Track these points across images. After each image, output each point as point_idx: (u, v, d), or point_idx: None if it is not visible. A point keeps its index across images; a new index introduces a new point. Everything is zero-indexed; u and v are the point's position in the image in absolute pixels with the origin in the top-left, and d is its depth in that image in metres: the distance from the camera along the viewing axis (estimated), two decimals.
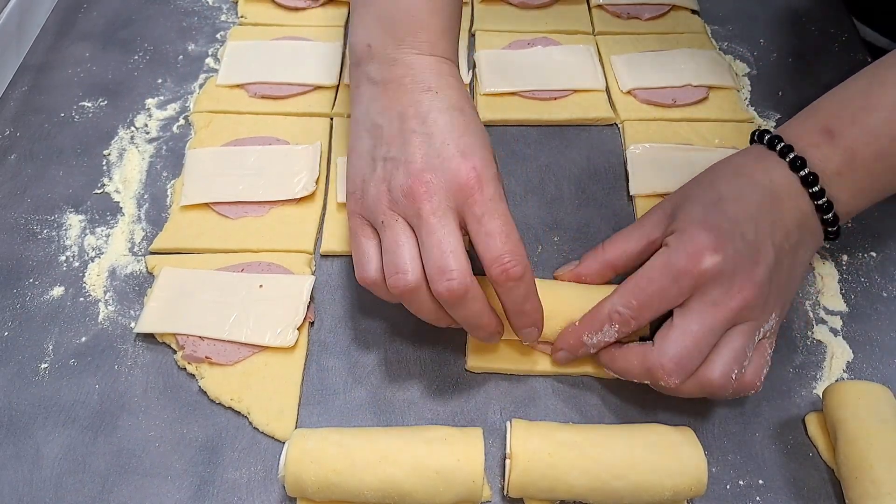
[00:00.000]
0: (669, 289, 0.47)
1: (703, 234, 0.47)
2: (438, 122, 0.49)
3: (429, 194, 0.46)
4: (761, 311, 0.47)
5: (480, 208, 0.46)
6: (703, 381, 0.46)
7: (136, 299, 0.57)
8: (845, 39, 0.78)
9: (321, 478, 0.45)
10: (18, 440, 0.50)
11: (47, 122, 0.70)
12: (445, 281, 0.45)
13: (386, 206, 0.48)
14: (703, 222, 0.48)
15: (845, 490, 0.47)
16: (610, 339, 0.49)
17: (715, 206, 0.49)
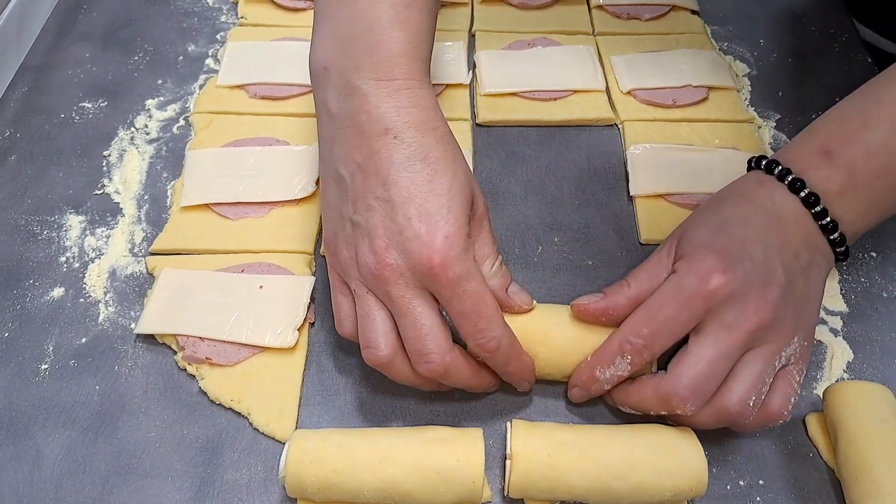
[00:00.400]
0: (680, 314, 0.45)
1: (710, 256, 0.46)
2: (399, 183, 0.45)
3: (394, 277, 0.45)
4: (778, 334, 0.46)
5: (448, 291, 0.45)
6: (720, 409, 0.45)
7: (136, 300, 0.57)
8: (845, 39, 0.78)
9: (321, 478, 0.45)
10: (19, 441, 0.50)
11: (47, 123, 0.70)
12: (425, 363, 0.45)
13: (356, 275, 0.47)
14: (711, 245, 0.47)
15: (845, 490, 0.47)
16: (623, 373, 0.47)
17: (721, 228, 0.48)
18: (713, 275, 0.45)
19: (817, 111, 0.71)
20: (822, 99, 0.72)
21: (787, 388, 0.47)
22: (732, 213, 0.49)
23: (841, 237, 0.49)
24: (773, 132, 0.70)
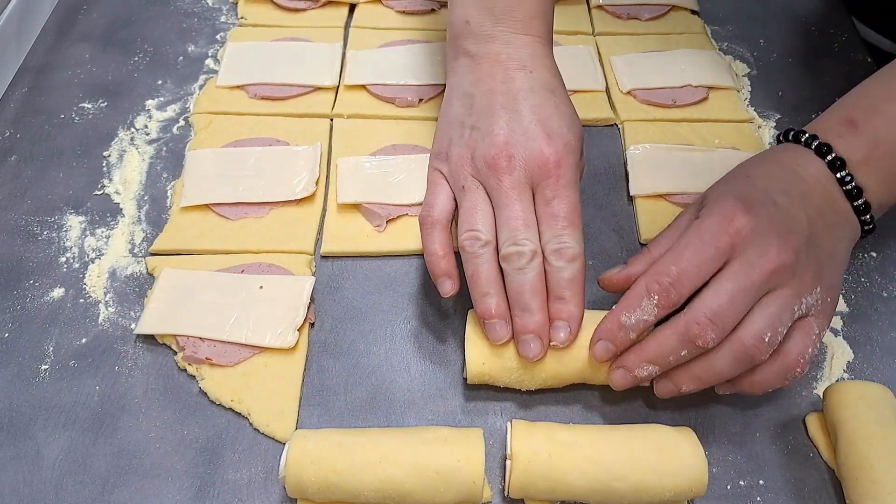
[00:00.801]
0: (706, 251, 0.45)
1: (733, 200, 0.47)
2: (529, 100, 0.51)
3: (510, 168, 0.49)
4: (800, 281, 0.46)
5: (552, 191, 0.49)
6: (736, 343, 0.45)
7: (136, 300, 0.57)
8: (845, 39, 0.78)
9: (321, 478, 0.45)
10: (19, 441, 0.50)
11: (47, 124, 0.70)
12: (515, 246, 0.48)
13: (468, 171, 0.51)
14: (733, 192, 0.48)
15: (845, 490, 0.47)
16: (650, 318, 0.46)
17: (744, 181, 0.49)
18: (736, 214, 0.46)
19: (817, 111, 0.71)
20: (822, 99, 0.72)
21: (806, 337, 0.46)
22: (756, 170, 0.50)
23: (865, 205, 0.49)
24: (773, 132, 0.70)
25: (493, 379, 0.50)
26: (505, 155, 0.49)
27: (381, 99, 0.71)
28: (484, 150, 0.50)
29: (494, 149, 0.50)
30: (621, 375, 0.48)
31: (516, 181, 0.49)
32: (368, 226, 0.61)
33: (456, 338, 0.55)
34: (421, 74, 0.72)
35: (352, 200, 0.61)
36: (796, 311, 0.46)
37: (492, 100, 0.52)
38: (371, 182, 0.63)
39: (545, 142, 0.50)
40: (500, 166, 0.49)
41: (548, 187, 0.49)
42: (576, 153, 0.51)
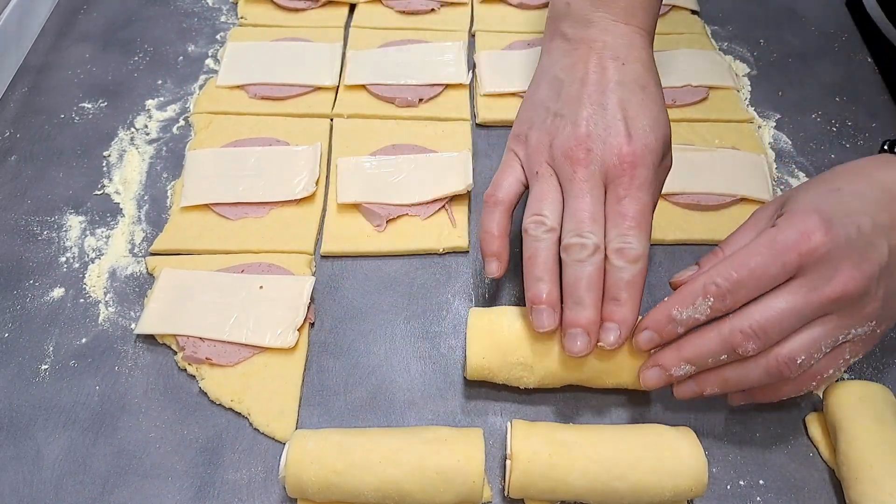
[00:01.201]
0: (771, 265, 0.44)
1: (815, 216, 0.44)
2: (616, 94, 0.51)
3: (586, 161, 0.49)
4: (859, 312, 0.44)
5: (625, 190, 0.48)
6: (770, 360, 0.44)
7: (136, 300, 0.57)
8: (845, 39, 0.78)
9: (321, 478, 0.45)
10: (19, 441, 0.50)
11: (47, 124, 0.70)
12: (578, 237, 0.47)
13: (545, 158, 0.51)
14: (817, 207, 0.45)
15: (845, 490, 0.47)
16: (700, 317, 0.45)
17: (831, 194, 0.46)
18: (814, 233, 0.43)
19: (817, 111, 0.71)
20: (822, 99, 0.72)
21: (831, 362, 0.46)
22: (846, 185, 0.47)
23: None
24: (773, 132, 0.70)
25: (492, 374, 0.50)
26: (583, 147, 0.49)
27: (381, 99, 0.71)
28: (563, 139, 0.50)
29: (574, 140, 0.49)
30: (656, 374, 0.47)
31: (590, 175, 0.49)
32: (368, 226, 0.61)
33: (456, 338, 0.55)
34: (421, 74, 0.72)
35: (352, 200, 0.62)
36: (841, 340, 0.45)
37: (580, 89, 0.52)
38: (371, 182, 0.63)
39: (625, 140, 0.49)
40: (576, 158, 0.49)
41: (621, 185, 0.48)
42: (656, 154, 0.50)
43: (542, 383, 0.50)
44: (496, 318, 0.51)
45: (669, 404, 0.52)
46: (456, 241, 0.60)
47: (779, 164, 0.67)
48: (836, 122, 0.70)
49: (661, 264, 0.60)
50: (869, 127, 0.70)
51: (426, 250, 0.60)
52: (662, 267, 0.60)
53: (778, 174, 0.66)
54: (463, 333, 0.55)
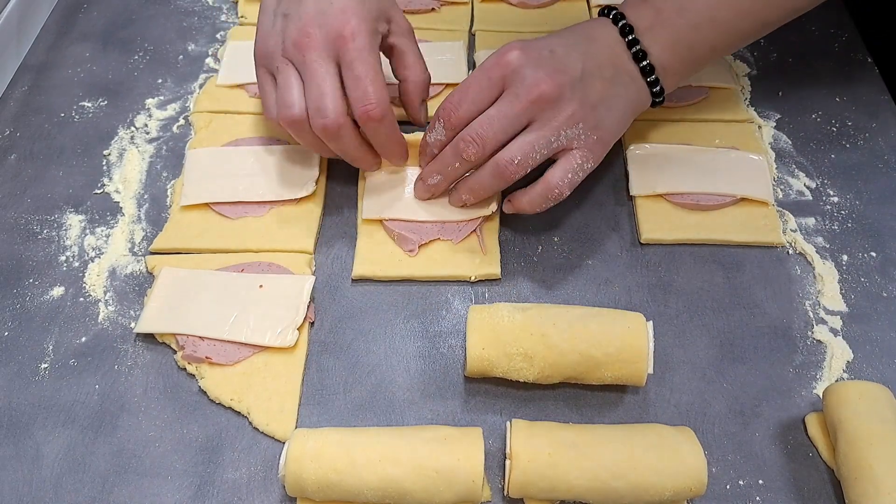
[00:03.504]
0: (481, 81, 0.54)
1: (513, 44, 0.55)
2: None
3: (311, 45, 0.54)
4: (560, 115, 0.54)
5: (350, 56, 0.54)
6: (493, 162, 0.55)
7: (136, 299, 0.57)
8: (845, 39, 0.78)
9: (321, 477, 0.45)
10: (18, 440, 0.50)
11: (47, 123, 0.70)
12: (321, 119, 0.54)
13: (280, 54, 0.56)
14: (516, 42, 0.55)
15: (845, 490, 0.47)
16: (441, 137, 0.57)
17: (535, 39, 0.57)
18: (511, 52, 0.54)
19: (817, 111, 0.71)
20: (822, 99, 0.72)
21: (567, 164, 0.55)
22: (552, 34, 0.58)
23: (650, 67, 0.57)
24: (773, 132, 0.70)
25: (491, 365, 0.50)
26: (306, 34, 0.54)
27: None
28: (291, 32, 0.55)
29: (298, 31, 0.54)
30: (420, 186, 0.60)
31: (317, 55, 0.54)
32: (399, 249, 0.60)
33: (456, 337, 0.55)
34: None
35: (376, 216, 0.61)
36: (554, 142, 0.54)
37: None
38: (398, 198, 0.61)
39: (338, 17, 0.54)
40: (302, 44, 0.54)
41: (346, 53, 0.54)
42: (369, 22, 0.55)
43: (542, 375, 0.50)
44: (496, 311, 0.51)
45: (670, 405, 0.52)
46: (488, 268, 0.58)
47: (779, 164, 0.67)
48: (836, 122, 0.70)
49: (660, 264, 0.60)
50: (869, 127, 0.70)
51: (458, 277, 0.58)
52: (662, 267, 0.60)
53: (778, 174, 0.66)
54: (463, 333, 0.55)
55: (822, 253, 0.61)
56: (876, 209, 0.64)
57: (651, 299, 0.58)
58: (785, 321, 0.57)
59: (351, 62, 0.54)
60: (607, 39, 0.57)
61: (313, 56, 0.54)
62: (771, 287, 0.59)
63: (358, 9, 0.55)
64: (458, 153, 0.55)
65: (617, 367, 0.49)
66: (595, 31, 0.58)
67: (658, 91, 0.58)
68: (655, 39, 0.57)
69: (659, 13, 0.57)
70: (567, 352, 0.49)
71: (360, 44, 0.54)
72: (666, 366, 0.54)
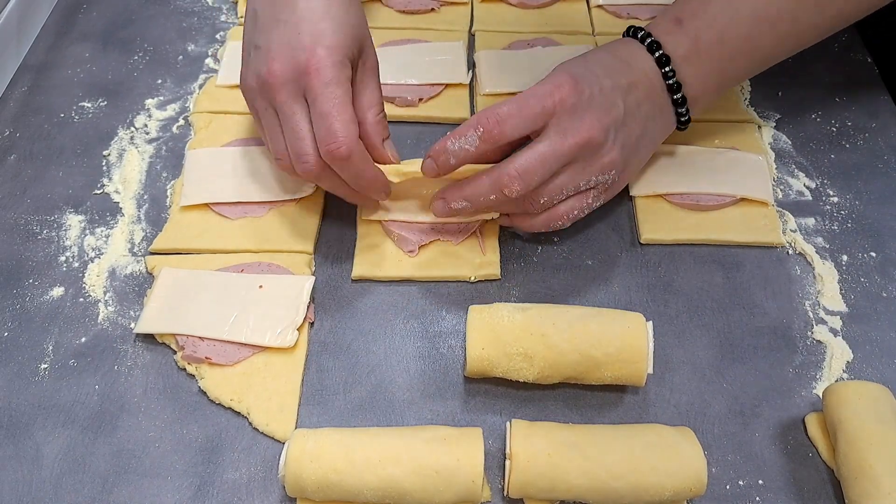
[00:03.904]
0: (531, 106, 0.51)
1: (565, 75, 0.53)
2: (298, 7, 0.53)
3: (278, 85, 0.52)
4: (599, 159, 0.53)
5: (314, 92, 0.51)
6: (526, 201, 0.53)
7: (135, 300, 0.57)
8: (845, 39, 0.78)
9: (321, 477, 0.45)
10: (18, 440, 0.50)
11: (47, 123, 0.70)
12: (301, 164, 0.52)
13: (257, 93, 0.54)
14: (567, 69, 0.54)
15: (845, 490, 0.47)
16: (471, 147, 0.52)
17: (582, 63, 0.55)
18: (564, 86, 0.52)
19: (817, 111, 0.71)
20: (822, 99, 0.72)
21: (578, 203, 0.55)
22: (594, 56, 0.57)
23: (683, 98, 0.57)
24: (773, 132, 0.70)
25: (491, 365, 0.50)
26: (272, 73, 0.52)
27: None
28: (261, 70, 0.53)
29: (265, 66, 0.52)
30: (441, 205, 0.55)
31: (286, 96, 0.52)
32: (399, 250, 0.60)
33: (455, 337, 0.55)
34: (421, 74, 0.72)
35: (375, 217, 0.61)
36: (583, 186, 0.54)
37: (270, 13, 0.54)
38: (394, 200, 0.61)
39: (304, 50, 0.51)
40: (269, 83, 0.52)
41: (311, 90, 0.51)
42: (338, 51, 0.52)
43: (542, 375, 0.50)
44: (496, 311, 0.51)
45: (669, 405, 0.52)
46: (488, 269, 0.59)
47: (779, 164, 0.67)
48: (836, 122, 0.70)
49: (660, 264, 0.60)
50: (869, 127, 0.70)
51: (457, 277, 0.58)
52: (662, 267, 0.60)
53: (778, 174, 0.66)
54: (462, 333, 0.55)
55: (821, 253, 0.61)
56: (876, 209, 0.64)
57: (651, 299, 0.58)
58: (785, 321, 0.57)
59: (315, 99, 0.51)
60: (644, 68, 0.56)
61: (282, 97, 0.52)
62: (771, 287, 0.59)
63: (328, 38, 0.52)
64: (499, 187, 0.52)
65: (617, 367, 0.50)
66: (633, 59, 0.56)
67: (686, 119, 0.58)
68: (691, 70, 0.56)
69: (696, 42, 0.56)
70: (567, 352, 0.49)
71: (326, 77, 0.51)
72: (666, 366, 0.54)
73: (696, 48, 0.56)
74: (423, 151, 0.66)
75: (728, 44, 0.56)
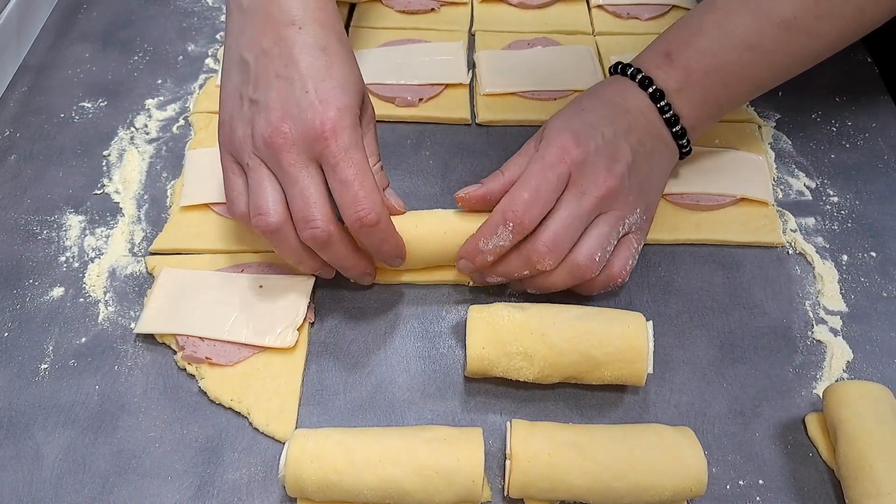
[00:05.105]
0: (549, 180, 0.51)
1: (567, 134, 0.52)
2: (300, 64, 0.50)
3: (286, 146, 0.48)
4: (624, 203, 0.52)
5: (334, 158, 0.48)
6: (572, 263, 0.51)
7: (135, 300, 0.57)
8: None
9: (321, 477, 0.45)
10: (18, 441, 0.50)
11: (47, 123, 0.70)
12: (309, 229, 0.48)
13: (250, 149, 0.50)
14: (567, 126, 0.53)
15: (845, 490, 0.47)
16: (505, 243, 0.51)
17: (576, 115, 0.55)
18: (570, 148, 0.51)
19: (817, 111, 0.71)
20: (822, 99, 0.72)
21: (626, 251, 0.54)
22: (587, 104, 0.56)
23: (682, 130, 0.57)
24: (773, 132, 0.70)
25: (491, 365, 0.50)
26: (280, 133, 0.48)
27: (381, 98, 0.71)
28: (261, 128, 0.49)
29: (270, 127, 0.49)
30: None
31: (295, 158, 0.48)
32: None
33: (455, 338, 0.55)
34: (421, 74, 0.72)
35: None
36: (621, 231, 0.53)
37: (266, 66, 0.51)
38: None
39: (316, 111, 0.48)
40: (276, 144, 0.48)
41: (329, 155, 0.48)
42: (352, 113, 0.50)
43: (542, 374, 0.50)
44: (496, 311, 0.51)
45: (670, 405, 0.52)
46: None
47: (779, 164, 0.67)
48: (836, 122, 0.70)
49: (660, 264, 0.60)
50: (869, 127, 0.70)
51: (457, 282, 0.58)
52: (662, 267, 0.60)
53: (778, 174, 0.66)
54: (462, 333, 0.55)
55: (822, 253, 0.61)
56: (876, 209, 0.64)
57: (651, 299, 0.58)
58: (785, 321, 0.57)
59: (335, 165, 0.48)
60: (639, 106, 0.56)
61: (290, 159, 0.48)
62: (771, 287, 0.59)
63: (339, 97, 0.49)
64: (531, 264, 0.51)
65: (617, 367, 0.50)
66: (627, 100, 0.56)
67: (688, 150, 0.58)
68: (686, 101, 0.56)
69: (688, 74, 0.56)
70: (567, 351, 0.49)
71: (344, 142, 0.48)
72: (666, 366, 0.54)
73: (688, 80, 0.56)
74: (423, 151, 0.67)
75: (721, 71, 0.56)
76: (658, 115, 0.56)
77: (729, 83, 0.56)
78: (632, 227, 0.54)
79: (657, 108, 0.56)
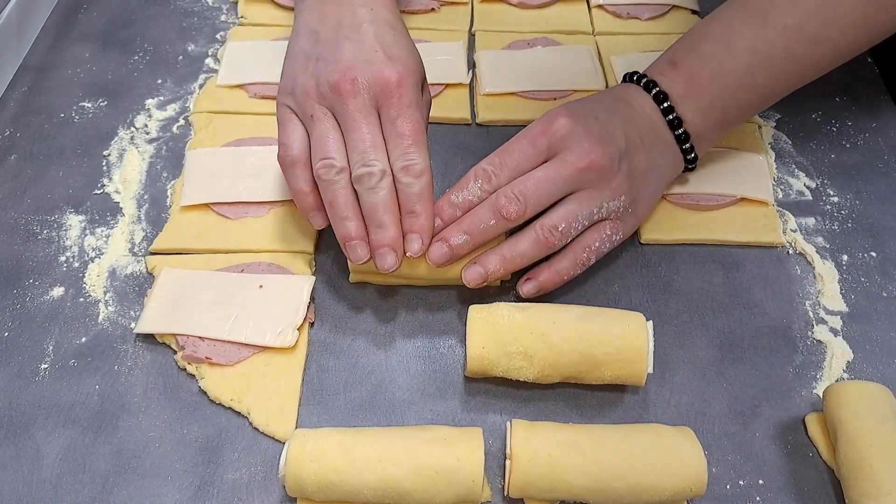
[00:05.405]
0: (527, 148, 0.52)
1: (560, 111, 0.53)
2: (370, 32, 0.54)
3: (354, 91, 0.51)
4: (605, 185, 0.52)
5: (396, 111, 0.51)
6: (535, 229, 0.51)
7: (136, 300, 0.57)
8: None
9: (321, 477, 0.45)
10: (18, 441, 0.50)
11: (47, 123, 0.70)
12: (365, 167, 0.50)
13: (315, 99, 0.52)
14: (563, 108, 0.54)
15: (845, 490, 0.47)
16: (474, 199, 0.52)
17: (577, 101, 0.56)
18: (558, 118, 0.52)
19: (817, 111, 0.71)
20: (822, 99, 0.72)
21: (596, 234, 0.53)
22: (591, 97, 0.57)
23: (685, 134, 0.57)
24: (773, 132, 0.70)
25: (491, 364, 0.50)
26: (348, 79, 0.51)
27: None
28: (328, 75, 0.52)
29: (338, 73, 0.51)
30: (438, 247, 0.52)
31: (361, 104, 0.51)
32: None
33: (456, 337, 0.55)
34: None
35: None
36: (596, 213, 0.52)
37: (336, 33, 0.54)
38: None
39: (386, 65, 0.51)
40: (344, 90, 0.51)
41: (391, 107, 0.51)
42: (416, 76, 0.53)
43: (542, 374, 0.50)
44: (496, 311, 0.51)
45: (670, 405, 0.52)
46: None
47: (779, 164, 0.67)
48: (836, 122, 0.70)
49: (660, 264, 0.60)
50: (869, 127, 0.70)
51: (457, 282, 0.56)
52: (662, 267, 0.60)
53: (778, 174, 0.66)
54: (462, 333, 0.55)
55: (822, 253, 0.61)
56: (876, 209, 0.64)
57: (651, 299, 0.58)
58: (785, 321, 0.57)
59: (396, 118, 0.51)
60: (643, 106, 0.57)
61: (357, 104, 0.51)
62: (771, 287, 0.59)
63: (406, 60, 0.53)
64: (496, 210, 0.51)
65: (617, 367, 0.50)
66: (631, 98, 0.57)
67: (692, 158, 0.58)
68: (690, 106, 0.56)
69: (692, 78, 0.56)
70: (567, 351, 0.49)
71: (408, 97, 0.51)
72: (666, 366, 0.54)
73: (692, 85, 0.56)
74: None
75: (726, 78, 0.56)
76: (662, 119, 0.56)
77: (735, 91, 0.56)
78: (610, 213, 0.53)
79: (661, 109, 0.56)
